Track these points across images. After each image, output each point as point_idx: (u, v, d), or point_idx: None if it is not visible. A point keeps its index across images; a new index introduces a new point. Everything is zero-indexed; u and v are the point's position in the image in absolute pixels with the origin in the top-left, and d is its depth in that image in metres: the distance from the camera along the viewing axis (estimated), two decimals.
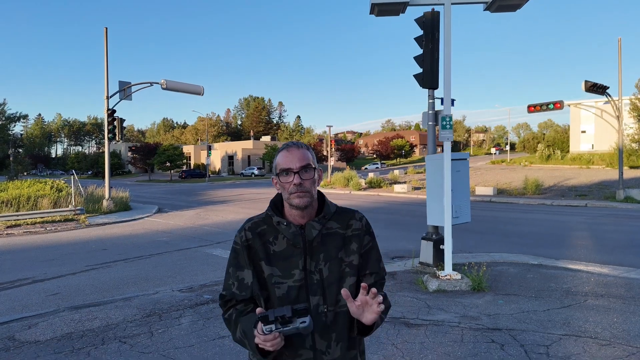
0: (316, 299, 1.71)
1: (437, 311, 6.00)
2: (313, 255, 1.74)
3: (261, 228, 1.80)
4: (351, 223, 1.82)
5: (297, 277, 1.72)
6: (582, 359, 4.36)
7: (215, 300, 6.82)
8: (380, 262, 1.88)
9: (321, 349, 1.71)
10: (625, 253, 9.72)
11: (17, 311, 6.68)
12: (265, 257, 1.75)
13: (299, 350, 1.70)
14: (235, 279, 1.80)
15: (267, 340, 1.53)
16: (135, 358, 4.65)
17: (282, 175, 1.75)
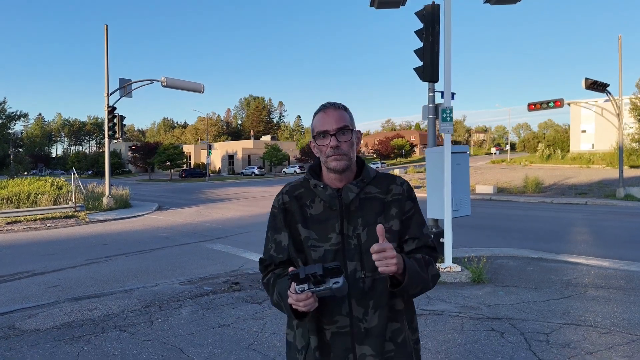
0: (353, 264, 1.66)
1: (437, 302, 6.00)
2: (350, 220, 1.69)
3: (298, 191, 1.77)
4: (392, 188, 1.75)
5: (333, 241, 1.67)
6: (582, 345, 4.36)
7: (215, 292, 6.82)
8: (424, 227, 1.78)
9: (358, 315, 1.65)
10: (625, 248, 9.71)
11: (17, 302, 6.68)
12: (302, 220, 1.72)
13: (335, 316, 1.66)
14: (273, 242, 1.78)
15: (300, 300, 1.48)
16: (135, 345, 4.65)
17: (318, 138, 1.71)
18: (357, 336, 1.65)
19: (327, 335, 1.66)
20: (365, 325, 1.65)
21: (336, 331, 1.66)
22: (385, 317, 1.66)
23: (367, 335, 1.64)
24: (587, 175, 32.01)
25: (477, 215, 14.97)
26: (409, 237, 1.73)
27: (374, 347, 1.64)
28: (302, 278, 1.45)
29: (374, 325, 1.65)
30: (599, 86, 18.90)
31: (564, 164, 45.34)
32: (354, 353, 1.65)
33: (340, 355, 1.65)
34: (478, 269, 7.07)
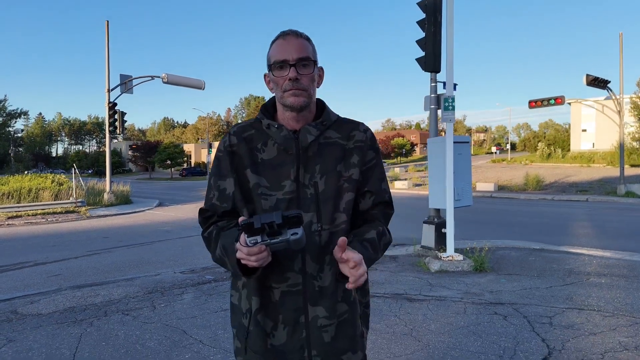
0: (309, 216, 1.47)
1: (439, 288, 5.99)
2: (307, 167, 1.50)
3: (248, 133, 1.56)
4: (354, 134, 1.58)
5: (287, 189, 1.48)
6: (585, 327, 4.35)
7: (217, 280, 6.82)
8: (383, 182, 1.62)
9: (312, 272, 1.47)
10: (627, 240, 9.71)
11: (19, 290, 6.68)
12: (252, 165, 1.52)
13: (286, 272, 1.47)
14: (217, 190, 1.56)
15: (252, 254, 1.27)
16: (138, 327, 4.64)
17: (275, 69, 1.49)
18: (311, 296, 1.47)
19: (276, 295, 1.48)
20: (319, 284, 1.47)
21: (287, 290, 1.47)
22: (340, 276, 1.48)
23: (321, 294, 1.47)
24: (587, 173, 32.00)
25: (478, 211, 14.97)
26: (367, 190, 1.58)
27: (328, 308, 1.49)
28: (257, 228, 1.24)
29: (328, 284, 1.48)
30: (600, 83, 18.90)
31: (565, 163, 45.30)
32: (305, 314, 1.48)
33: (290, 317, 1.48)
34: (480, 258, 7.06)
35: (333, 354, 1.50)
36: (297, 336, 1.48)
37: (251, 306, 1.51)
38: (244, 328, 1.53)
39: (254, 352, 1.52)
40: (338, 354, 1.51)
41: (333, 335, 1.50)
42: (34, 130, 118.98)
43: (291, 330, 1.48)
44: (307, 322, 1.48)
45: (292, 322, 1.48)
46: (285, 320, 1.48)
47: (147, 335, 4.37)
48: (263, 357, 1.50)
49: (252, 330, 1.51)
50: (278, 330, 1.48)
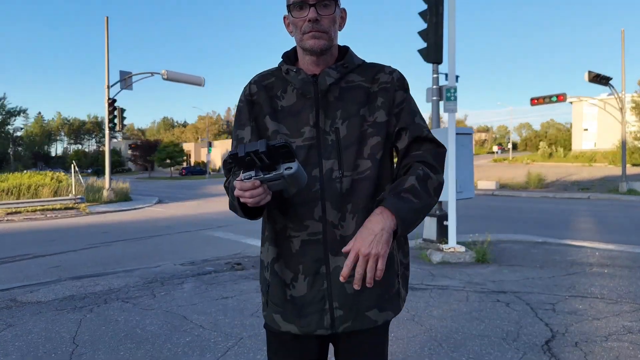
0: (330, 163, 1.40)
1: (441, 278, 5.96)
2: (328, 112, 1.43)
3: (268, 81, 1.51)
4: (379, 77, 1.48)
5: (307, 135, 1.41)
6: (588, 313, 4.31)
7: (217, 271, 6.78)
8: (417, 117, 1.48)
9: (332, 221, 1.39)
10: (630, 235, 9.67)
11: (18, 280, 6.64)
12: (271, 112, 1.46)
13: (305, 220, 1.40)
14: (236, 139, 1.52)
15: (244, 188, 1.21)
16: (138, 313, 4.61)
17: (294, 9, 1.41)
18: (332, 245, 1.40)
19: (296, 244, 1.42)
20: (340, 233, 1.40)
21: (307, 239, 1.41)
22: None
23: (343, 244, 1.37)
24: (589, 172, 31.96)
25: (479, 207, 14.95)
26: (400, 127, 1.46)
27: None
28: (243, 158, 1.19)
29: (351, 233, 1.38)
30: (602, 79, 18.87)
31: (566, 162, 45.26)
32: (326, 265, 1.40)
33: (310, 268, 1.41)
34: (482, 249, 7.02)
35: (357, 308, 1.42)
36: (317, 287, 1.41)
37: (269, 258, 1.49)
38: (266, 281, 1.51)
39: (274, 304, 1.48)
40: (362, 309, 1.43)
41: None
42: (33, 129, 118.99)
43: (311, 281, 1.41)
44: (328, 273, 1.41)
45: (312, 273, 1.41)
46: (306, 271, 1.42)
47: (147, 321, 4.33)
48: (283, 309, 1.46)
49: (271, 282, 1.47)
50: (298, 282, 1.42)
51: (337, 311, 1.41)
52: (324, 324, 1.42)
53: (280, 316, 1.46)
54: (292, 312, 1.44)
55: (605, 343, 3.52)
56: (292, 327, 1.45)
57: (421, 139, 1.46)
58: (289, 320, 1.45)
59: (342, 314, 1.41)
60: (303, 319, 1.42)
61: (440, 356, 3.33)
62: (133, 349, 3.61)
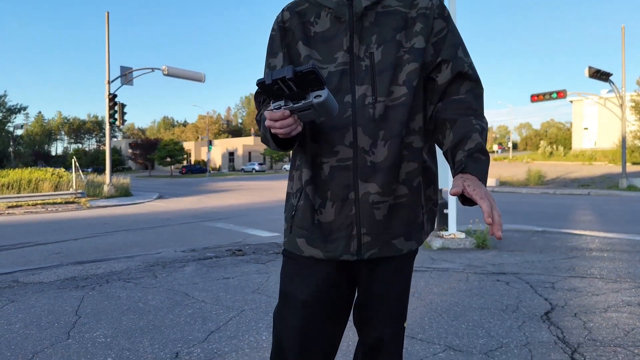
0: (363, 89, 1.36)
1: (441, 262, 5.98)
2: (363, 37, 1.37)
3: (302, 7, 1.46)
4: (417, 2, 1.41)
5: (340, 60, 1.37)
6: (588, 290, 4.34)
7: (218, 257, 6.80)
8: (460, 49, 1.42)
9: (364, 147, 1.36)
10: (629, 225, 9.70)
11: (20, 265, 6.66)
12: (304, 38, 1.42)
13: (335, 146, 1.37)
14: (268, 67, 1.49)
15: (274, 118, 1.19)
16: (140, 291, 4.63)
17: None
18: (362, 171, 1.36)
19: (325, 170, 1.39)
20: (371, 159, 1.36)
21: (336, 165, 1.38)
22: (398, 152, 1.37)
23: (373, 170, 1.36)
24: (589, 170, 32.02)
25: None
26: (441, 59, 1.40)
27: (382, 185, 1.36)
28: (271, 86, 1.14)
29: (382, 160, 1.36)
30: (602, 75, 18.89)
31: (567, 161, 45.30)
32: (355, 191, 1.37)
33: (339, 193, 1.38)
34: (482, 235, 7.05)
35: (384, 235, 1.40)
36: (345, 213, 1.38)
37: (302, 181, 1.44)
38: (292, 207, 1.47)
39: (299, 227, 1.44)
40: (389, 237, 1.41)
41: (385, 213, 1.39)
42: (34, 128, 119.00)
43: (339, 207, 1.38)
44: (357, 199, 1.37)
45: (340, 199, 1.38)
46: (334, 197, 1.38)
47: (149, 296, 4.36)
48: (308, 232, 1.42)
49: (301, 205, 1.43)
50: (326, 208, 1.39)
51: (364, 237, 1.39)
52: (350, 249, 1.39)
53: (304, 240, 1.43)
54: (319, 236, 1.41)
55: (604, 314, 3.54)
56: (316, 251, 1.42)
57: (463, 76, 1.41)
58: (314, 244, 1.42)
59: (370, 240, 1.39)
60: (329, 244, 1.40)
61: (440, 324, 3.35)
62: (135, 319, 3.63)
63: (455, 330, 3.22)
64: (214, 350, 2.92)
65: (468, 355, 2.76)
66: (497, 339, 3.02)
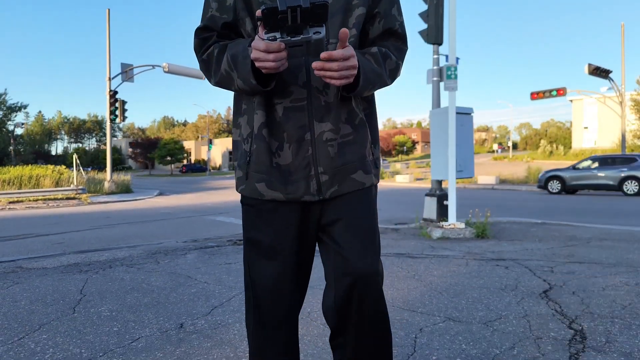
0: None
1: (441, 250, 6.02)
2: None
3: None
4: None
5: None
6: (586, 273, 4.38)
7: (219, 246, 6.85)
8: (394, 8, 1.48)
9: (317, 87, 1.37)
10: (628, 218, 9.75)
11: (23, 254, 6.71)
12: None
13: (289, 87, 1.36)
14: (215, 1, 1.42)
15: (271, 50, 1.15)
16: (143, 274, 4.68)
17: None
18: (316, 111, 1.38)
19: (279, 111, 1.38)
20: (325, 99, 1.38)
21: (290, 106, 1.37)
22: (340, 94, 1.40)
23: (327, 110, 1.38)
24: None
25: (479, 198, 15.04)
26: (377, 11, 1.45)
27: (334, 123, 1.39)
28: (275, 15, 1.08)
29: (334, 99, 1.39)
30: (602, 72, 18.93)
31: (567, 160, 45.33)
32: (311, 131, 1.38)
33: (294, 135, 1.38)
34: (482, 225, 7.09)
35: (341, 171, 1.42)
36: (302, 154, 1.39)
37: (254, 125, 1.41)
38: (246, 154, 1.44)
39: (256, 172, 1.42)
40: (347, 172, 1.43)
41: (337, 151, 1.41)
42: (34, 128, 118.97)
43: (296, 148, 1.39)
44: (312, 139, 1.39)
45: (296, 140, 1.38)
46: (290, 139, 1.39)
47: (153, 279, 4.40)
48: (267, 175, 1.41)
49: (255, 149, 1.41)
50: (283, 150, 1.40)
51: (322, 176, 1.40)
52: (310, 189, 1.40)
53: (264, 184, 1.41)
54: (278, 179, 1.40)
55: (602, 292, 3.59)
56: (277, 194, 1.41)
57: (392, 33, 1.48)
58: (274, 187, 1.41)
59: (328, 179, 1.40)
60: (290, 186, 1.40)
61: (440, 300, 3.40)
62: (139, 297, 3.68)
63: (455, 305, 3.26)
64: (218, 322, 2.97)
65: (467, 325, 2.80)
66: (496, 312, 3.06)
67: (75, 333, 2.79)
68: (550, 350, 2.37)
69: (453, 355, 2.32)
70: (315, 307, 3.30)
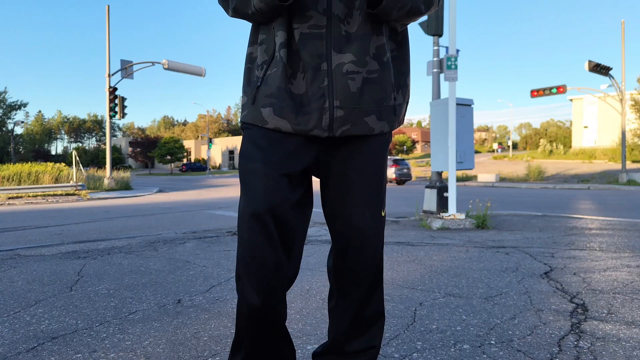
0: None
1: (441, 239, 6.00)
2: None
3: None
4: None
5: None
6: (587, 258, 4.36)
7: (219, 236, 6.82)
8: None
9: (339, 14, 1.29)
10: (629, 212, 9.73)
11: (21, 243, 6.68)
12: None
13: (308, 11, 1.29)
14: None
15: None
16: (141, 259, 4.65)
17: None
18: (336, 41, 1.29)
19: (296, 37, 1.30)
20: (346, 29, 1.29)
21: (307, 32, 1.29)
22: (370, 25, 1.31)
23: (348, 41, 1.30)
24: (589, 167, 32.07)
25: (479, 194, 15.02)
26: None
27: (357, 55, 1.30)
28: None
29: (356, 30, 1.30)
30: (602, 69, 18.92)
31: (566, 159, 45.34)
32: (328, 62, 1.30)
33: (310, 63, 1.29)
34: (482, 216, 7.07)
35: (357, 110, 1.32)
36: (317, 84, 1.29)
37: (273, 47, 1.33)
38: (257, 79, 1.35)
39: (265, 96, 1.33)
40: (362, 113, 1.33)
41: (359, 86, 1.31)
42: (34, 127, 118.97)
43: (311, 78, 1.30)
44: (329, 70, 1.30)
45: (312, 68, 1.30)
46: (305, 67, 1.30)
47: (151, 263, 4.38)
48: (277, 100, 1.31)
49: (270, 74, 1.32)
50: (297, 79, 1.31)
51: (337, 111, 1.30)
52: (322, 123, 1.31)
53: (271, 109, 1.31)
54: (290, 106, 1.31)
55: (603, 272, 3.56)
56: (284, 123, 1.31)
57: None
58: (282, 114, 1.31)
59: (342, 115, 1.31)
60: (300, 117, 1.30)
61: (440, 280, 3.37)
62: (137, 278, 3.65)
63: (455, 284, 3.24)
64: (216, 298, 2.94)
65: (468, 299, 2.78)
66: (497, 289, 3.04)
67: (72, 307, 2.76)
68: (551, 320, 2.34)
69: (453, 325, 2.30)
70: (314, 285, 3.27)
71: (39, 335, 2.24)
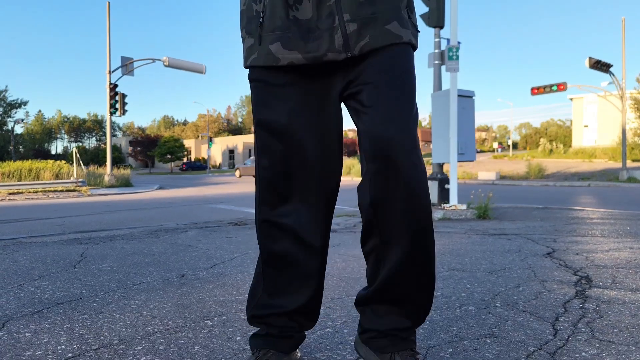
0: None
1: (442, 228, 6.00)
2: None
3: None
4: None
5: None
6: (589, 242, 4.36)
7: (220, 226, 6.83)
8: None
9: None
10: (630, 206, 9.74)
11: (23, 234, 6.69)
12: None
13: None
14: None
15: None
16: (144, 244, 4.66)
17: None
18: None
19: None
20: None
21: None
22: None
23: None
24: (589, 166, 32.04)
25: (480, 191, 14.98)
26: None
27: None
28: None
29: None
30: (602, 66, 18.92)
31: (567, 158, 45.31)
32: None
33: None
34: (483, 207, 7.07)
35: (372, 19, 1.20)
36: (324, 3, 1.18)
37: None
38: (258, 14, 1.25)
39: (270, 31, 1.22)
40: (381, 22, 1.20)
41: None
42: (34, 127, 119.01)
43: (316, 2, 1.19)
44: None
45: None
46: None
47: (154, 247, 4.38)
48: (283, 31, 1.21)
49: (268, 3, 1.22)
50: (302, 4, 1.19)
51: (349, 25, 1.18)
52: (335, 44, 1.18)
53: (280, 44, 1.21)
54: (296, 34, 1.20)
55: (606, 253, 3.57)
56: (295, 55, 1.20)
57: None
58: (291, 45, 1.20)
59: (356, 28, 1.18)
60: (310, 43, 1.19)
61: (443, 259, 3.37)
62: (140, 258, 3.65)
63: (459, 261, 3.24)
64: (220, 273, 2.95)
65: (472, 273, 2.78)
66: (500, 265, 3.04)
67: (76, 281, 2.77)
68: (556, 288, 2.35)
69: (457, 292, 2.31)
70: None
71: (44, 302, 2.25)
